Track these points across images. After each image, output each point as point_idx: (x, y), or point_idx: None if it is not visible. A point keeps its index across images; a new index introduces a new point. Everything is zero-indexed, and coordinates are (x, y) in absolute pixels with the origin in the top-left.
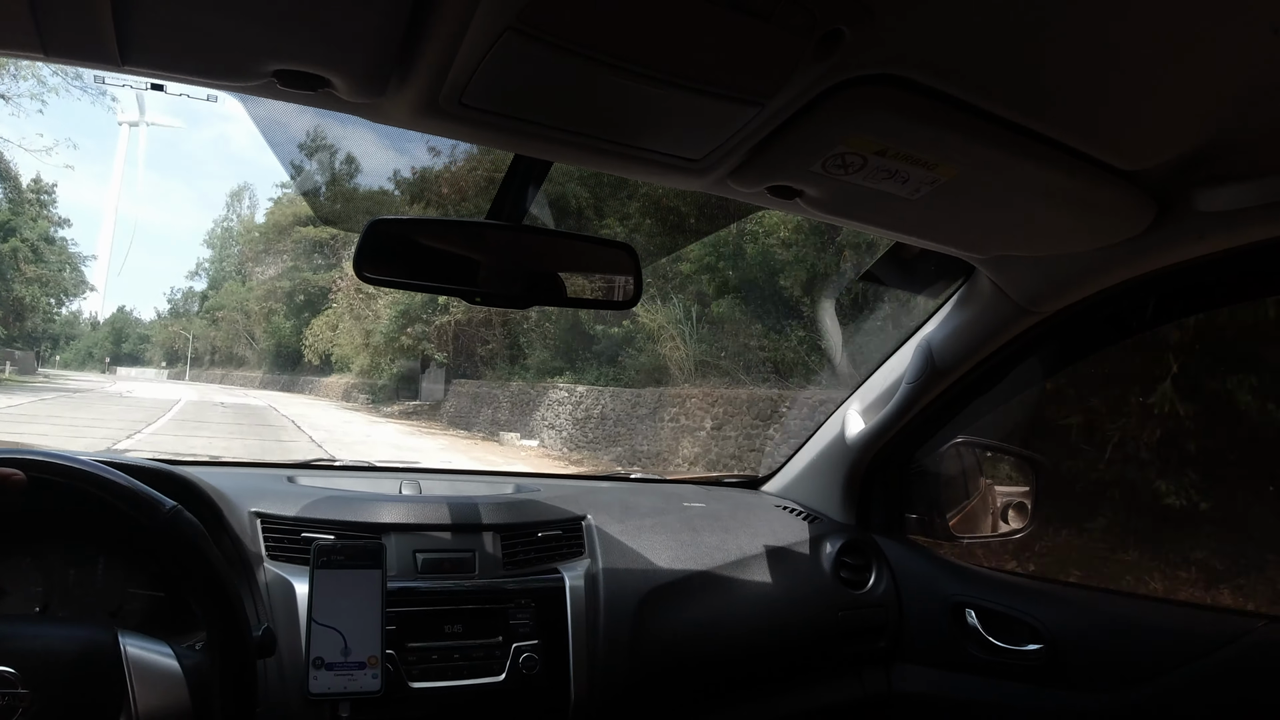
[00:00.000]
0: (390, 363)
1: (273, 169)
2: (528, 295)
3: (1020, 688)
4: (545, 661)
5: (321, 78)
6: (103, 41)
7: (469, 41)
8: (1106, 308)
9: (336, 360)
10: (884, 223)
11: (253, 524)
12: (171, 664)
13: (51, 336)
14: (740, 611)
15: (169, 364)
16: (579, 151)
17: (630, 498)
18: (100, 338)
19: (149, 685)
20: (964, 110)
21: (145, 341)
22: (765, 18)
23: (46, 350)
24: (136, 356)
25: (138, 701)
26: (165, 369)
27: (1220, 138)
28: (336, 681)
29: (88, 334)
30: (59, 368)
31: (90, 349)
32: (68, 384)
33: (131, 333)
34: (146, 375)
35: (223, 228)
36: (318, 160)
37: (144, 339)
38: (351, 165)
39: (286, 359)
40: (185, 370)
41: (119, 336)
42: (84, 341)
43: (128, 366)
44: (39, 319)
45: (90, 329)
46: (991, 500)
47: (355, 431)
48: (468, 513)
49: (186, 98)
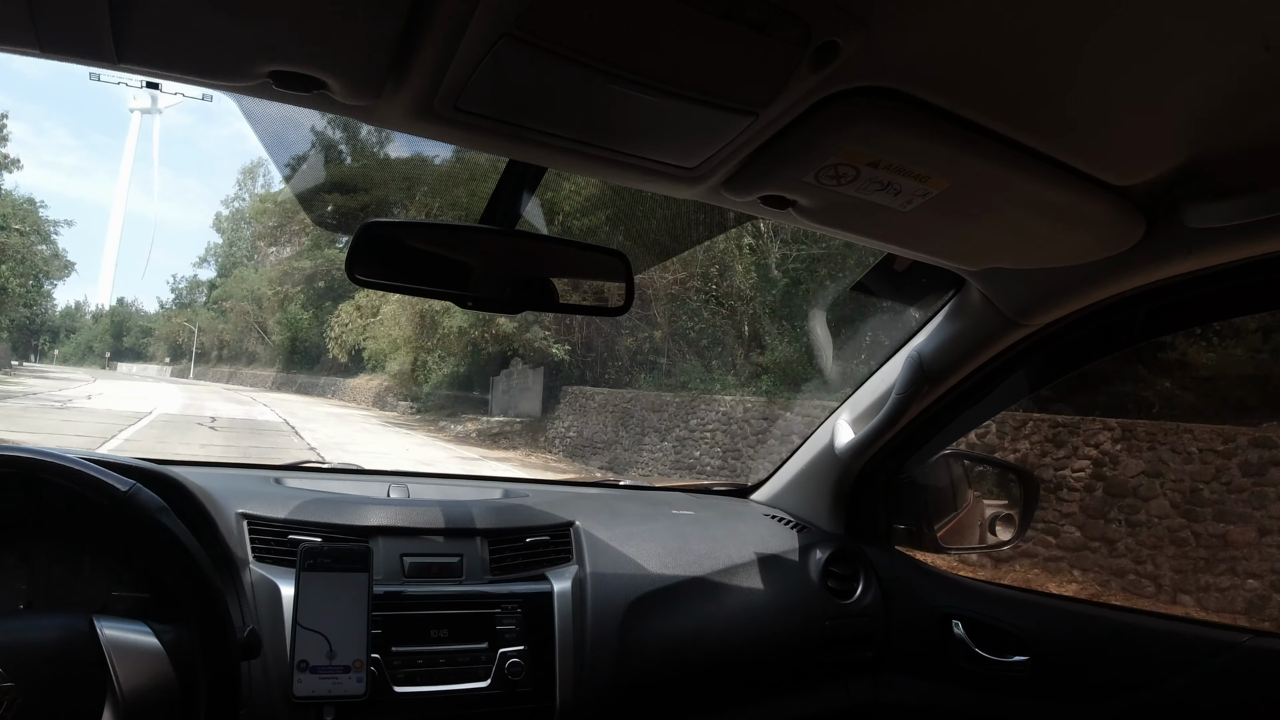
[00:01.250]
0: (440, 361)
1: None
2: (519, 300)
3: (1006, 699)
4: (531, 668)
5: (317, 79)
6: (98, 38)
7: (465, 46)
8: (1096, 321)
9: (370, 357)
10: (876, 234)
11: (239, 525)
12: (150, 640)
13: (51, 329)
14: (727, 619)
15: (173, 359)
16: (573, 158)
17: (618, 504)
18: (100, 331)
19: (130, 664)
20: (957, 124)
21: (148, 335)
22: (760, 28)
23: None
24: (139, 351)
25: (121, 681)
26: (169, 365)
27: (1210, 154)
28: (321, 685)
29: (89, 327)
30: (56, 362)
31: (90, 343)
32: (28, 382)
33: (133, 326)
34: (148, 372)
35: (233, 208)
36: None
37: (147, 332)
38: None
39: (304, 355)
40: (189, 367)
41: (120, 329)
42: (84, 335)
43: (129, 362)
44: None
45: (93, 322)
46: (979, 512)
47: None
48: (456, 517)
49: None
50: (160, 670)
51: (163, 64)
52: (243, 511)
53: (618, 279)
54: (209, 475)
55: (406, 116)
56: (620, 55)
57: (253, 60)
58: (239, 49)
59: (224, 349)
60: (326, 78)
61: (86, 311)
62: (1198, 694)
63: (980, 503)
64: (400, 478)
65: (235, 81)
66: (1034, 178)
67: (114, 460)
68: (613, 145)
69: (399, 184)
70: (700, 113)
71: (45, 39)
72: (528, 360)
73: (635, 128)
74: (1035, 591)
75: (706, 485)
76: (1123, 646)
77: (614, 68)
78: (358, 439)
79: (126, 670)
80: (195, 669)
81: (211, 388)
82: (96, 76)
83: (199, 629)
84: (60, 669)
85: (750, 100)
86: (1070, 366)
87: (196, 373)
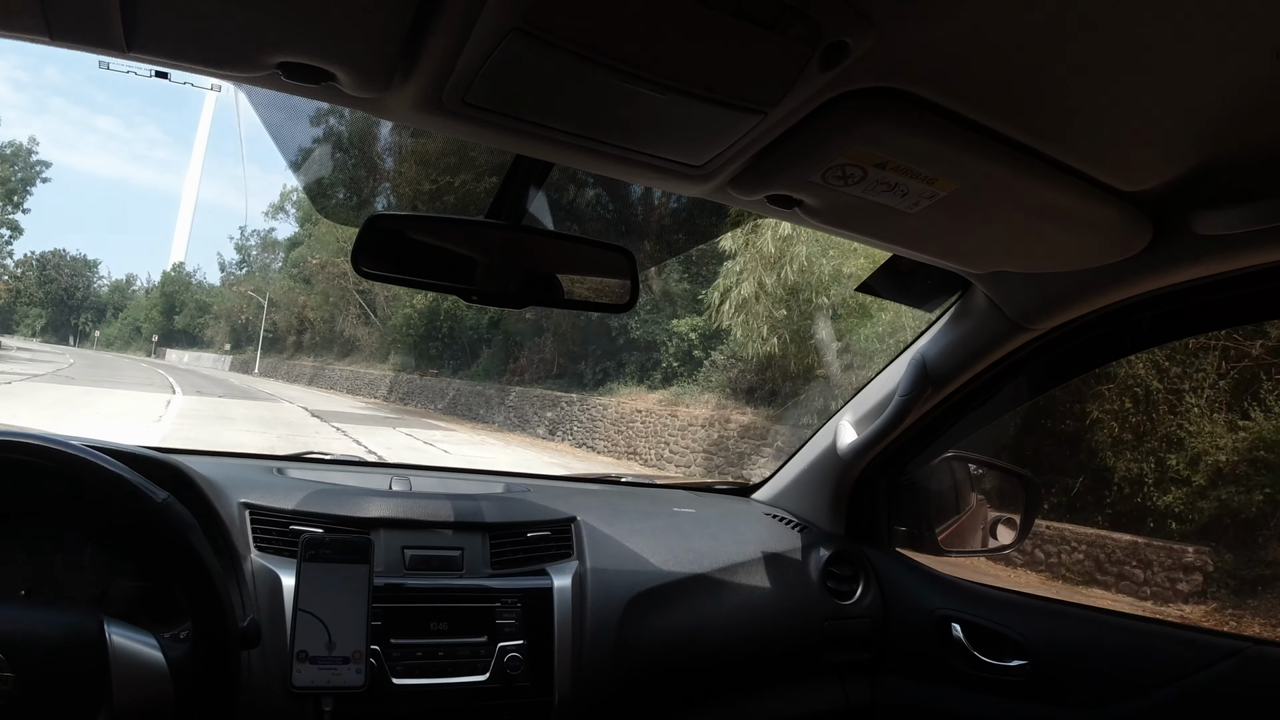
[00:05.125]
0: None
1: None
2: (524, 295)
3: (1003, 703)
4: (530, 662)
5: (326, 71)
6: (108, 26)
7: (474, 40)
8: (1101, 327)
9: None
10: (882, 235)
11: (241, 515)
12: (156, 656)
13: (95, 306)
14: (726, 617)
15: (234, 345)
16: (580, 154)
17: (620, 501)
18: (149, 308)
19: (130, 678)
20: (965, 126)
21: (204, 313)
22: (770, 27)
23: (85, 323)
24: (194, 335)
25: (118, 692)
26: (229, 352)
27: (1219, 161)
28: (320, 675)
29: (139, 304)
30: (99, 346)
31: (138, 323)
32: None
33: (189, 300)
34: (201, 362)
35: (327, 123)
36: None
37: (203, 309)
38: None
39: (449, 345)
40: (255, 357)
41: (171, 305)
42: (131, 313)
43: (180, 349)
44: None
45: (144, 297)
46: (981, 515)
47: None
48: (457, 511)
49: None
50: (159, 690)
51: (172, 53)
52: (245, 501)
53: (622, 276)
54: (212, 464)
55: (414, 109)
56: (629, 52)
57: (262, 51)
58: (248, 39)
59: (307, 332)
60: (335, 69)
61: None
62: (1197, 701)
63: (982, 506)
64: (402, 470)
65: (244, 72)
66: (1041, 181)
67: (118, 449)
68: (620, 142)
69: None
70: (708, 111)
71: (55, 27)
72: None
73: (643, 124)
74: (1035, 596)
75: (708, 483)
76: (1122, 653)
77: (623, 64)
78: None
79: (125, 680)
80: (196, 691)
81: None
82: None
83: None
84: (61, 666)
85: (759, 99)
86: (1074, 371)
87: (264, 366)
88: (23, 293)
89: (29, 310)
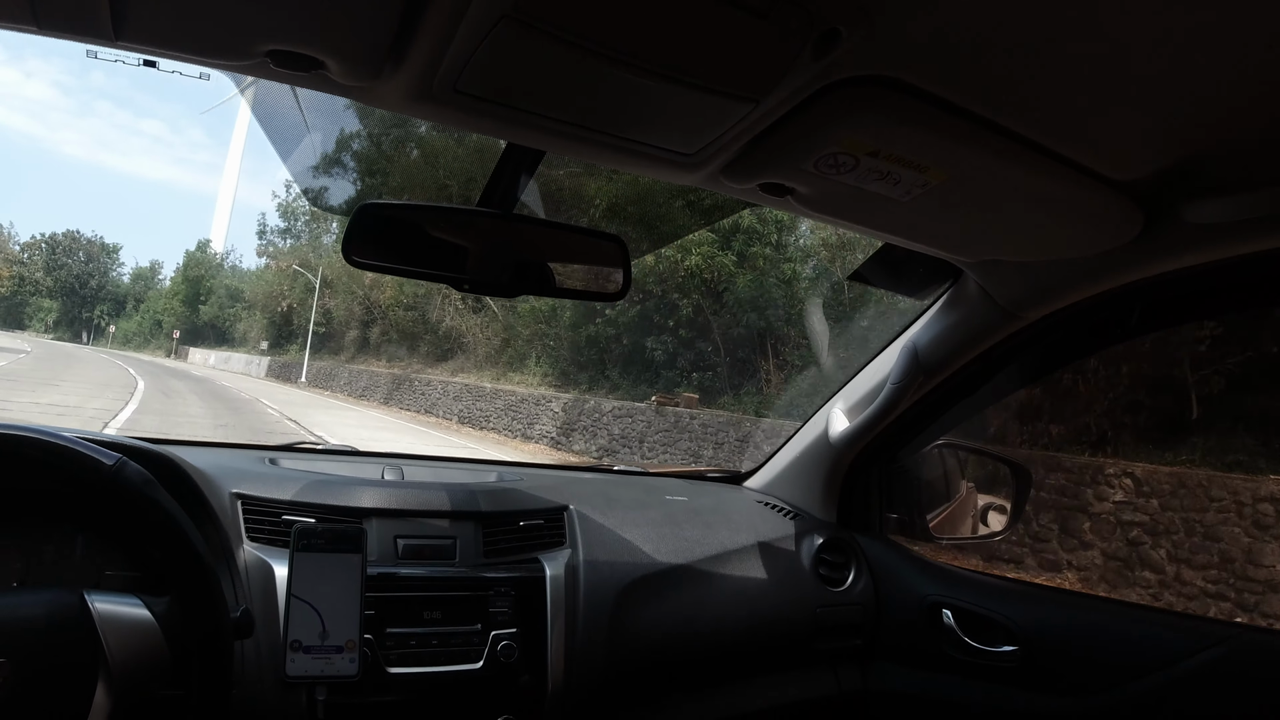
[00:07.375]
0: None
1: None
2: (516, 284)
3: (994, 689)
4: (523, 650)
5: (315, 59)
6: (96, 14)
7: (464, 28)
8: (1092, 315)
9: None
10: (874, 223)
11: (233, 505)
12: (141, 612)
13: (114, 298)
14: (719, 605)
15: (272, 343)
16: (572, 142)
17: (612, 489)
18: (170, 295)
19: (121, 636)
20: (957, 114)
21: (236, 301)
22: (762, 15)
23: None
24: (223, 330)
25: (112, 654)
26: (266, 351)
27: (1210, 150)
28: (314, 665)
29: (161, 295)
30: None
31: (159, 315)
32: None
33: (217, 286)
34: (232, 363)
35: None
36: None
37: (235, 296)
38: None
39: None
40: (303, 359)
41: (195, 292)
42: (152, 305)
43: (205, 349)
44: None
45: (168, 286)
46: (972, 502)
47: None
48: (450, 499)
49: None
50: (152, 642)
51: (160, 42)
52: (237, 491)
53: (615, 264)
54: (203, 454)
55: (405, 98)
56: (620, 39)
57: (251, 39)
58: (237, 27)
59: (375, 324)
60: (325, 58)
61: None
62: (1184, 688)
63: (972, 493)
64: (395, 460)
65: (233, 60)
66: (1033, 170)
67: (108, 439)
68: (611, 130)
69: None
70: (700, 99)
71: (42, 16)
72: None
73: (634, 112)
74: (1026, 582)
75: (701, 471)
76: (1112, 639)
77: (614, 52)
78: None
79: (118, 643)
80: (187, 639)
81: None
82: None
83: (189, 603)
84: (52, 644)
85: (751, 87)
86: (1066, 359)
87: (313, 374)
88: (27, 279)
89: (40, 303)
